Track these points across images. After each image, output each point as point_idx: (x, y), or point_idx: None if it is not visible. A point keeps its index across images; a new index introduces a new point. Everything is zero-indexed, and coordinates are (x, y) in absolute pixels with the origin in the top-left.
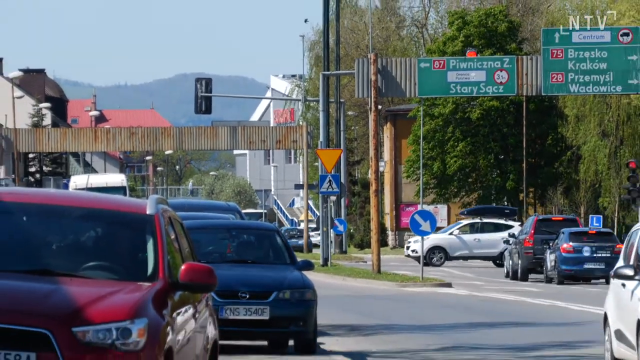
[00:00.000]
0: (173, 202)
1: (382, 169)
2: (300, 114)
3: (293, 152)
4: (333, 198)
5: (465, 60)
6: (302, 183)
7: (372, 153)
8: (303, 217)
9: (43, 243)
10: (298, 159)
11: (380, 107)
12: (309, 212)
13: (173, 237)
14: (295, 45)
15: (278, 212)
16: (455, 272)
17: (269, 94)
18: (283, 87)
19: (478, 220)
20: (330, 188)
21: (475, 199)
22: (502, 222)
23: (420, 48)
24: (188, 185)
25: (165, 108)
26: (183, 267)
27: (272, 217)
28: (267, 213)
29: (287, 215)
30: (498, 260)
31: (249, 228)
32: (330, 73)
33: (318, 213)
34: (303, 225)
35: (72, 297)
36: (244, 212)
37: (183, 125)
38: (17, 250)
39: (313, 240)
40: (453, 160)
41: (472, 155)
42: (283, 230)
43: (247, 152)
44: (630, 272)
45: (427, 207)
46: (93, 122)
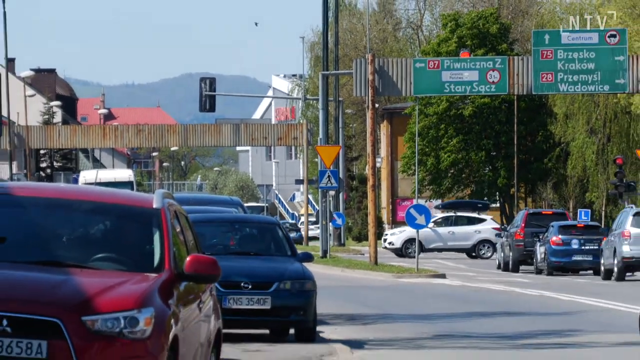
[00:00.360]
0: (178, 196)
1: (379, 165)
2: (301, 112)
3: (294, 148)
4: (332, 193)
5: (459, 61)
6: (302, 178)
7: (369, 149)
8: (303, 211)
9: (54, 235)
10: (298, 155)
11: (377, 105)
12: (309, 206)
13: (178, 230)
14: (296, 46)
15: (279, 206)
16: (450, 263)
17: (271, 93)
18: (284, 86)
19: (452, 214)
20: (329, 183)
21: (468, 194)
22: (475, 215)
23: (416, 49)
24: (197, 181)
25: (171, 106)
26: (188, 258)
27: (273, 210)
28: (268, 207)
29: (288, 209)
30: (473, 253)
31: (251, 221)
32: (329, 73)
33: (318, 207)
34: (303, 219)
35: (81, 287)
36: (246, 205)
37: (188, 123)
38: (28, 242)
39: (312, 234)
40: (447, 156)
41: (465, 151)
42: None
43: (249, 148)
44: None
45: (421, 201)
46: (102, 119)
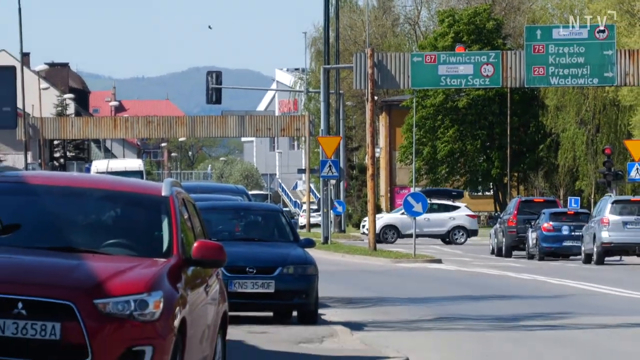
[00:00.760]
0: (186, 184)
1: (378, 155)
2: (303, 105)
3: (296, 139)
4: (333, 181)
5: (455, 55)
6: (304, 168)
7: (368, 140)
8: (305, 199)
9: (67, 222)
10: (301, 146)
11: (377, 98)
12: (311, 194)
13: (186, 216)
14: (298, 41)
15: (282, 194)
16: (446, 249)
17: (274, 86)
18: (287, 79)
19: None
20: (331, 172)
21: (463, 183)
22: (449, 203)
23: (413, 44)
24: (207, 170)
25: (179, 99)
26: (195, 244)
27: (276, 198)
28: (272, 195)
29: (290, 197)
30: (447, 238)
31: (256, 209)
32: (331, 67)
33: (319, 195)
34: (305, 207)
35: (93, 271)
36: (251, 193)
37: (195, 115)
38: (43, 229)
39: (314, 221)
40: (443, 146)
41: (460, 142)
42: None
43: (254, 139)
44: None
45: (418, 189)
46: (113, 111)
